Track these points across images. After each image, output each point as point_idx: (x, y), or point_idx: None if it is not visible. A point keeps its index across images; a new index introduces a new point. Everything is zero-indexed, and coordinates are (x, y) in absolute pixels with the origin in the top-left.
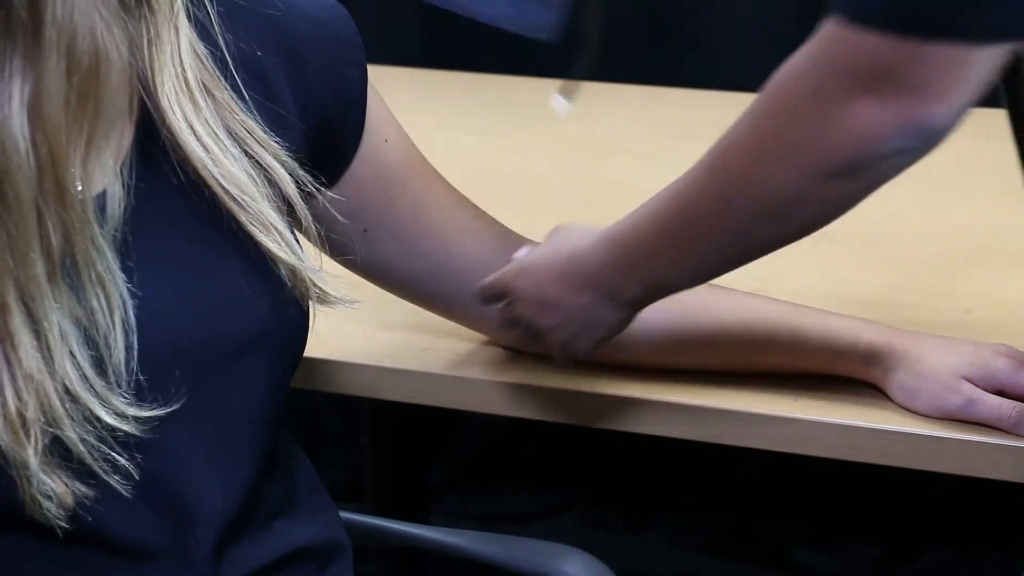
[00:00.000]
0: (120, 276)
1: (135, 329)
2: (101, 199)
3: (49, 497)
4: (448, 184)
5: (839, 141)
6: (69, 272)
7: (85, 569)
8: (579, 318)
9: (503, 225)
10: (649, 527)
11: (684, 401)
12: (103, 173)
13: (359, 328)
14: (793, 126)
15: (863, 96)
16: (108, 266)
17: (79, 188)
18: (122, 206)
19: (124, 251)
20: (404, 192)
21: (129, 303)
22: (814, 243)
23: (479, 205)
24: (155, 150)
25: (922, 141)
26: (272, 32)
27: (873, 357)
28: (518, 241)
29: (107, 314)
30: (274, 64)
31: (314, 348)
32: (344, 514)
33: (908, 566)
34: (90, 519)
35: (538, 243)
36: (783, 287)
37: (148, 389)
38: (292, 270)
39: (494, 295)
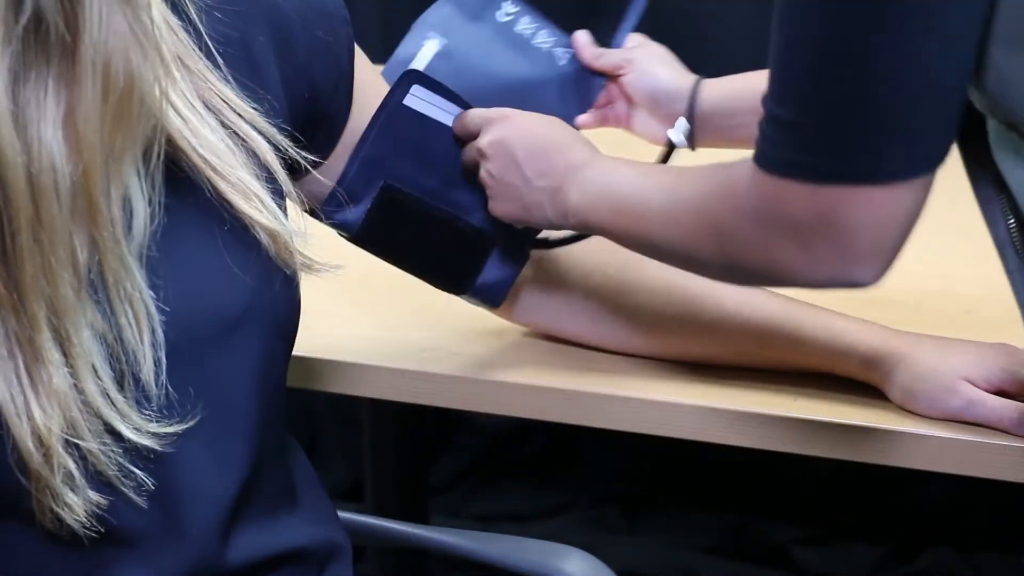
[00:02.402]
0: (148, 293)
1: (163, 344)
2: (128, 209)
3: (69, 507)
4: None
5: (781, 279)
6: (96, 287)
7: (81, 554)
8: (526, 194)
9: None
10: (649, 527)
11: (685, 401)
12: (125, 180)
13: (359, 328)
14: (740, 261)
15: (795, 250)
16: (134, 280)
17: (109, 206)
18: (145, 215)
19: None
20: None
21: (157, 318)
22: None
23: None
24: None
25: (853, 286)
26: (257, 8)
27: (873, 359)
28: None
29: (135, 329)
30: (259, 41)
31: (314, 348)
32: (344, 514)
33: (908, 566)
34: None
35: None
36: None
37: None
38: (274, 235)
39: (470, 129)
